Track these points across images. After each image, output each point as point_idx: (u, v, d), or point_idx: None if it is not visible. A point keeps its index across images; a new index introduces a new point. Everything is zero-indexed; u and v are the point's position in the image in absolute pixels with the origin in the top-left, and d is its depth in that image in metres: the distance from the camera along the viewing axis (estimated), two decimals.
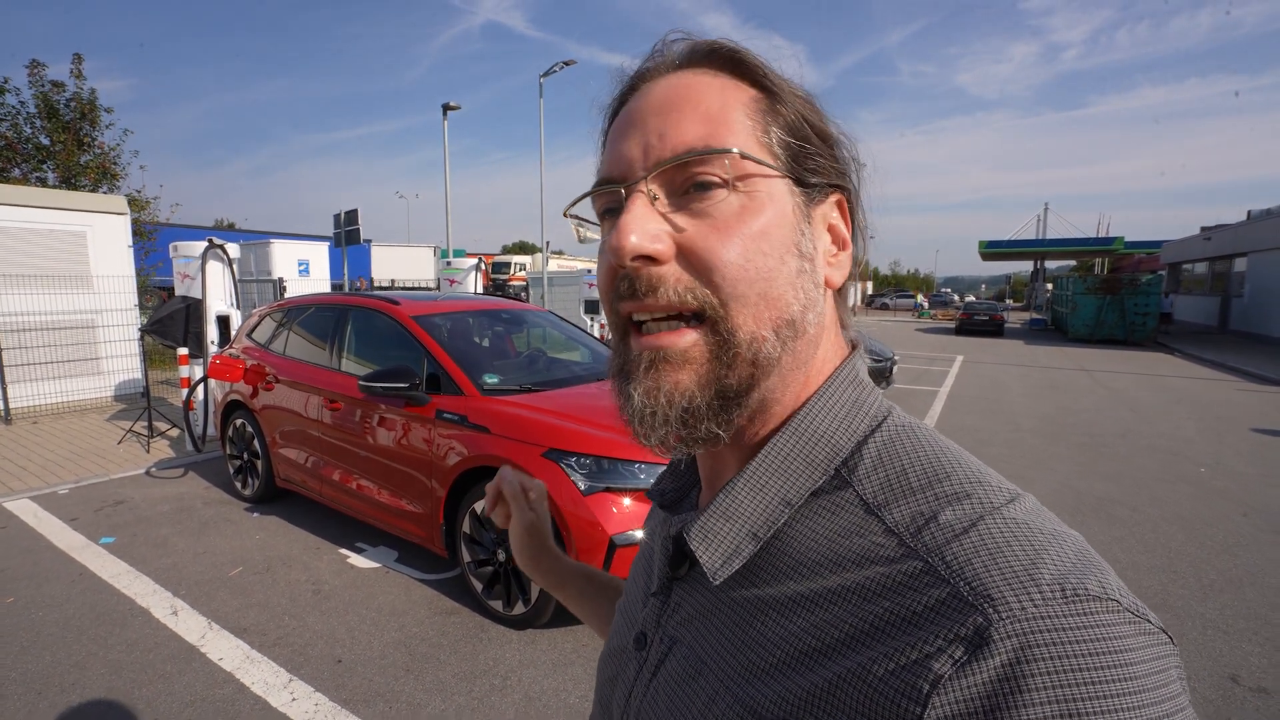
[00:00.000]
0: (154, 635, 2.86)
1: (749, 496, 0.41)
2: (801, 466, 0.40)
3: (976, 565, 0.32)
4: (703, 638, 0.42)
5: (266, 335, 4.69)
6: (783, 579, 0.39)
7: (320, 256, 10.58)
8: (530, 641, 2.84)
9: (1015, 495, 0.36)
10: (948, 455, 0.39)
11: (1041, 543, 0.33)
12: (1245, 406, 9.12)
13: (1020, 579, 0.31)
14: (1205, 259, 24.83)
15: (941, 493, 0.36)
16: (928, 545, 0.34)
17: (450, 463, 3.10)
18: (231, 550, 3.76)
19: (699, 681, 0.41)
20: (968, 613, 0.31)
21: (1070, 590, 0.31)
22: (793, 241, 0.40)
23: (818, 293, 0.42)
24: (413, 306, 3.82)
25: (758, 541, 0.40)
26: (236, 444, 4.70)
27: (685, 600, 0.45)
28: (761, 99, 0.41)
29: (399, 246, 28.28)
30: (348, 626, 2.94)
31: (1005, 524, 0.34)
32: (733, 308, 0.38)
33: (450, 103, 15.01)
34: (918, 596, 0.33)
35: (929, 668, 0.31)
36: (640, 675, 0.47)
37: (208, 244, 5.94)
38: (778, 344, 0.39)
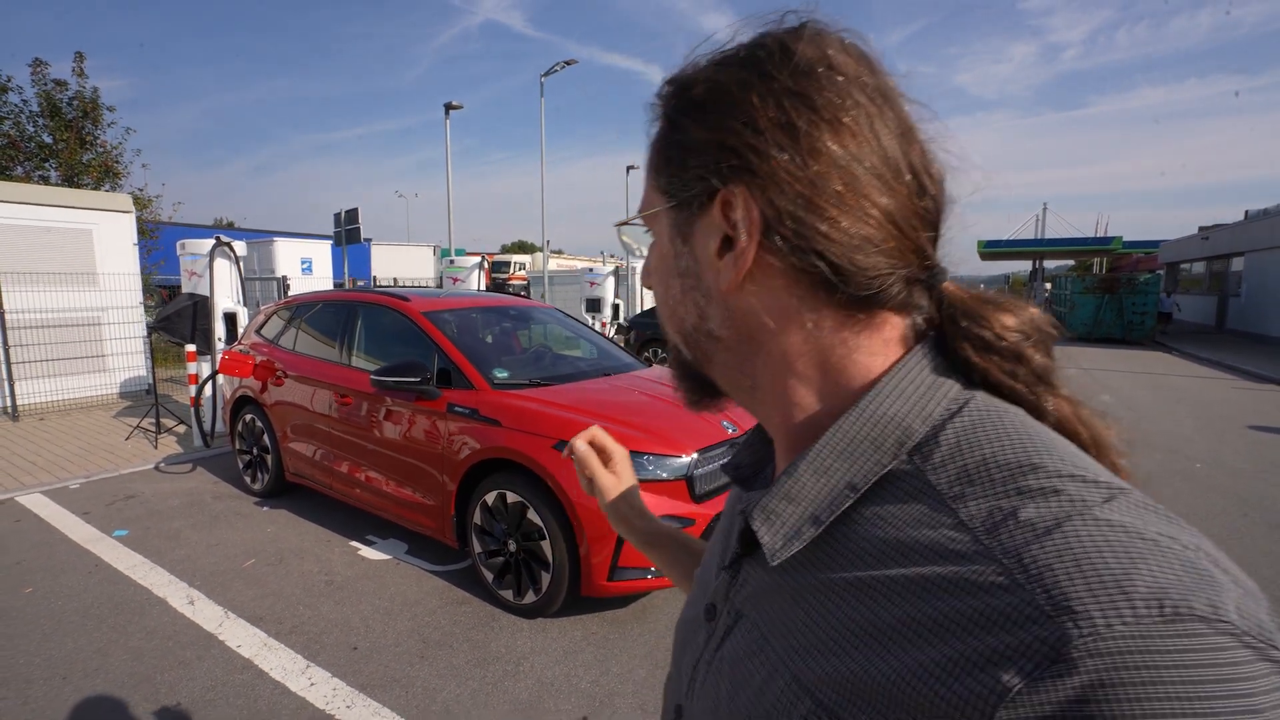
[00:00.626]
0: (172, 623, 2.92)
1: (812, 479, 0.40)
2: (868, 449, 0.39)
3: (1058, 572, 0.29)
4: (766, 614, 0.42)
5: (276, 331, 4.75)
6: (846, 564, 0.38)
7: (323, 255, 10.60)
8: (541, 630, 2.90)
9: (1115, 492, 0.33)
10: (1039, 444, 0.36)
11: (1140, 549, 0.29)
12: (1242, 404, 9.20)
13: (1109, 591, 0.28)
14: (1203, 259, 24.94)
15: (1026, 486, 0.33)
16: (1004, 545, 0.31)
17: (462, 455, 3.15)
18: (244, 542, 3.82)
19: (760, 657, 0.41)
20: (1044, 625, 0.28)
21: (1171, 608, 0.27)
22: (670, 268, 0.45)
23: (708, 302, 0.43)
24: (423, 303, 3.87)
25: (819, 525, 0.39)
26: (246, 439, 4.75)
27: (752, 576, 0.45)
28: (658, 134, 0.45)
29: (399, 246, 28.32)
30: (361, 615, 3.00)
31: (1098, 525, 0.31)
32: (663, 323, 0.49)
33: (452, 102, 15.06)
34: (989, 600, 0.30)
35: (997, 679, 0.29)
36: (708, 645, 0.48)
37: (215, 242, 5.99)
38: (689, 349, 0.47)
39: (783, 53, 0.39)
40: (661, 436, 2.97)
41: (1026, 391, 0.41)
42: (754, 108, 0.39)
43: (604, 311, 11.48)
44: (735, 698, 0.42)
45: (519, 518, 2.97)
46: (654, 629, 2.92)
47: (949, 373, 0.41)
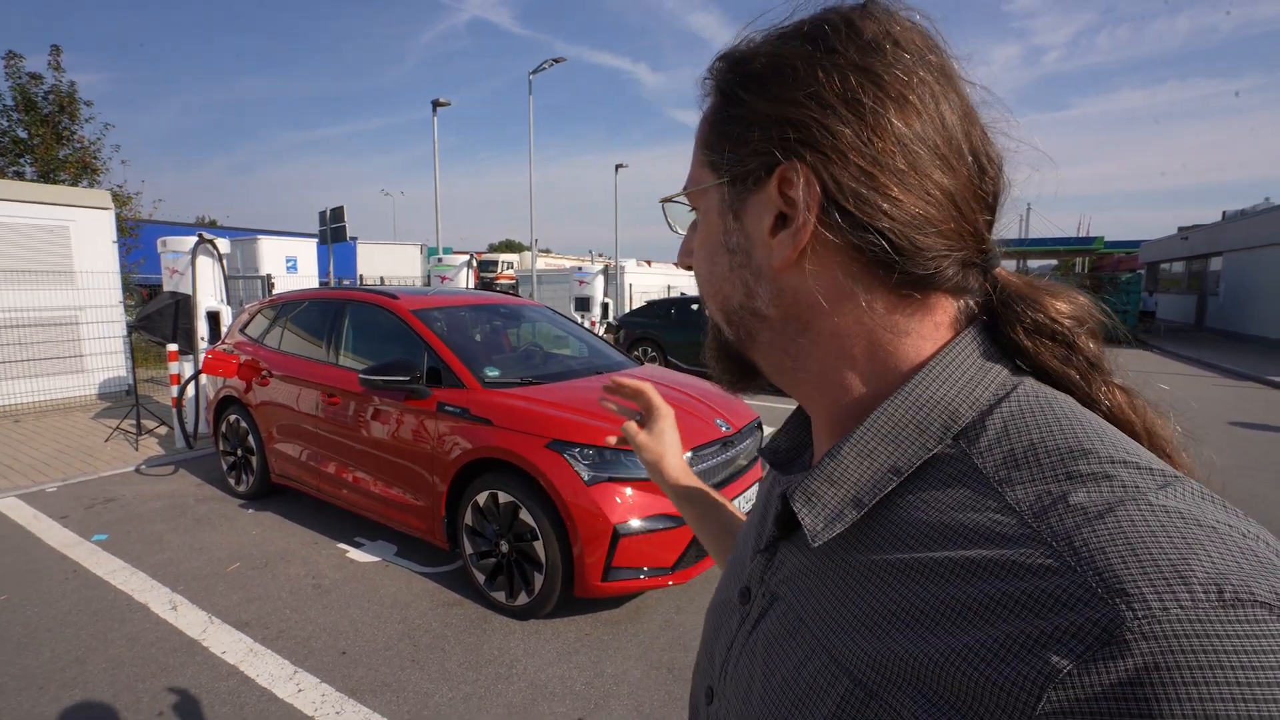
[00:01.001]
0: (154, 630, 2.84)
1: (855, 462, 0.39)
2: (913, 433, 0.38)
3: (1111, 555, 0.28)
4: (803, 597, 0.42)
5: (261, 330, 4.66)
6: (888, 547, 0.37)
7: (308, 253, 10.46)
8: (534, 631, 2.86)
9: (1171, 480, 0.32)
10: (1089, 430, 0.35)
11: (1198, 536, 0.29)
12: (1222, 401, 9.35)
13: (1165, 575, 0.27)
14: (1182, 258, 25.37)
15: (1076, 471, 0.33)
16: (1054, 529, 0.31)
17: (453, 455, 3.10)
18: (228, 546, 3.74)
19: (796, 639, 0.41)
20: (1096, 606, 0.28)
21: (1231, 593, 0.26)
22: (720, 244, 0.45)
23: (757, 279, 0.43)
24: (411, 300, 3.81)
25: (862, 508, 0.39)
26: (230, 440, 4.66)
27: (789, 558, 0.45)
28: (712, 109, 0.44)
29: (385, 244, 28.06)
30: (350, 619, 2.95)
31: (1153, 511, 0.30)
32: (706, 301, 0.49)
33: (440, 99, 14.92)
34: (1038, 583, 0.30)
35: (1046, 661, 0.28)
36: (741, 628, 0.48)
37: (198, 239, 5.87)
38: (731, 328, 0.47)
39: (849, 28, 0.39)
40: None
41: (1079, 378, 0.41)
42: (819, 82, 0.38)
43: (593, 310, 11.44)
44: (770, 678, 0.42)
45: (511, 518, 2.93)
46: (648, 629, 2.89)
47: (998, 358, 0.40)
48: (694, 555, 2.87)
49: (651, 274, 22.03)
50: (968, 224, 0.39)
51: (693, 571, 2.89)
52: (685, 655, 2.69)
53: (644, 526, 2.73)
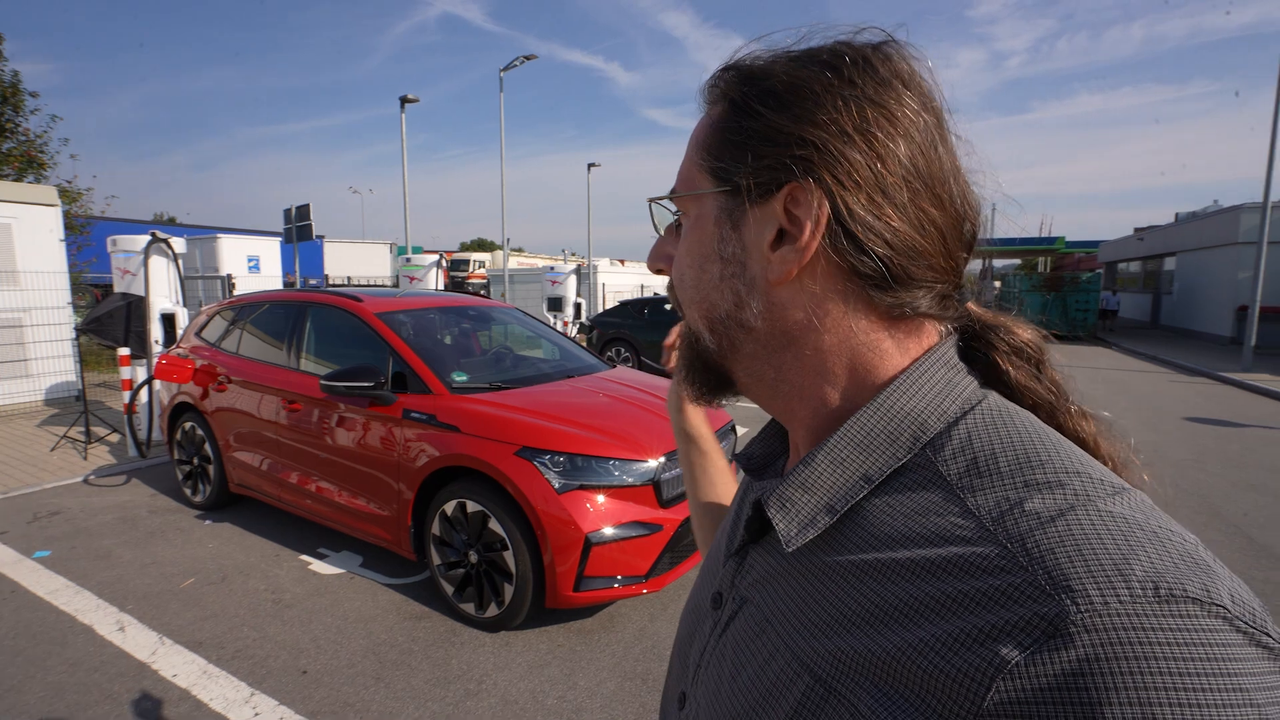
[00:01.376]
0: (99, 653, 2.69)
1: (829, 469, 0.41)
2: (884, 443, 0.40)
3: (1060, 555, 0.31)
4: (770, 598, 0.44)
5: (218, 334, 4.48)
6: (855, 549, 0.39)
7: (271, 253, 10.18)
8: (504, 644, 2.78)
9: (1120, 490, 0.34)
10: (1047, 442, 0.37)
11: (1140, 539, 0.31)
12: (1177, 397, 9.68)
13: (1107, 573, 0.29)
14: (1138, 258, 26.27)
15: (1032, 480, 0.35)
16: (1009, 531, 0.33)
17: (419, 463, 3.01)
18: (182, 560, 3.58)
19: (762, 639, 0.43)
20: (1043, 602, 0.30)
21: (1166, 590, 0.28)
22: (714, 250, 0.45)
23: (749, 291, 0.43)
24: (376, 303, 3.69)
25: (834, 514, 0.41)
26: (186, 448, 4.46)
27: (759, 562, 0.46)
28: (715, 120, 0.45)
29: (353, 243, 27.48)
30: (312, 636, 2.83)
31: (1100, 516, 0.32)
32: (685, 308, 0.48)
33: (408, 95, 14.61)
34: (992, 580, 0.32)
35: (996, 652, 0.30)
36: (713, 632, 0.49)
37: (151, 237, 5.63)
38: (712, 336, 0.46)
39: (866, 63, 0.41)
40: (627, 441, 2.89)
41: (1045, 393, 0.45)
42: (839, 109, 0.40)
43: (566, 311, 11.34)
44: (736, 678, 0.43)
45: (480, 528, 2.85)
46: (622, 639, 2.84)
47: (966, 374, 0.43)
48: (667, 562, 2.82)
49: (625, 273, 21.97)
50: (951, 259, 0.42)
51: (666, 579, 2.85)
52: (660, 665, 2.65)
53: (617, 535, 2.68)
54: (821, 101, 0.40)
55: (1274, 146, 12.01)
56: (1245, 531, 4.21)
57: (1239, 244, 16.98)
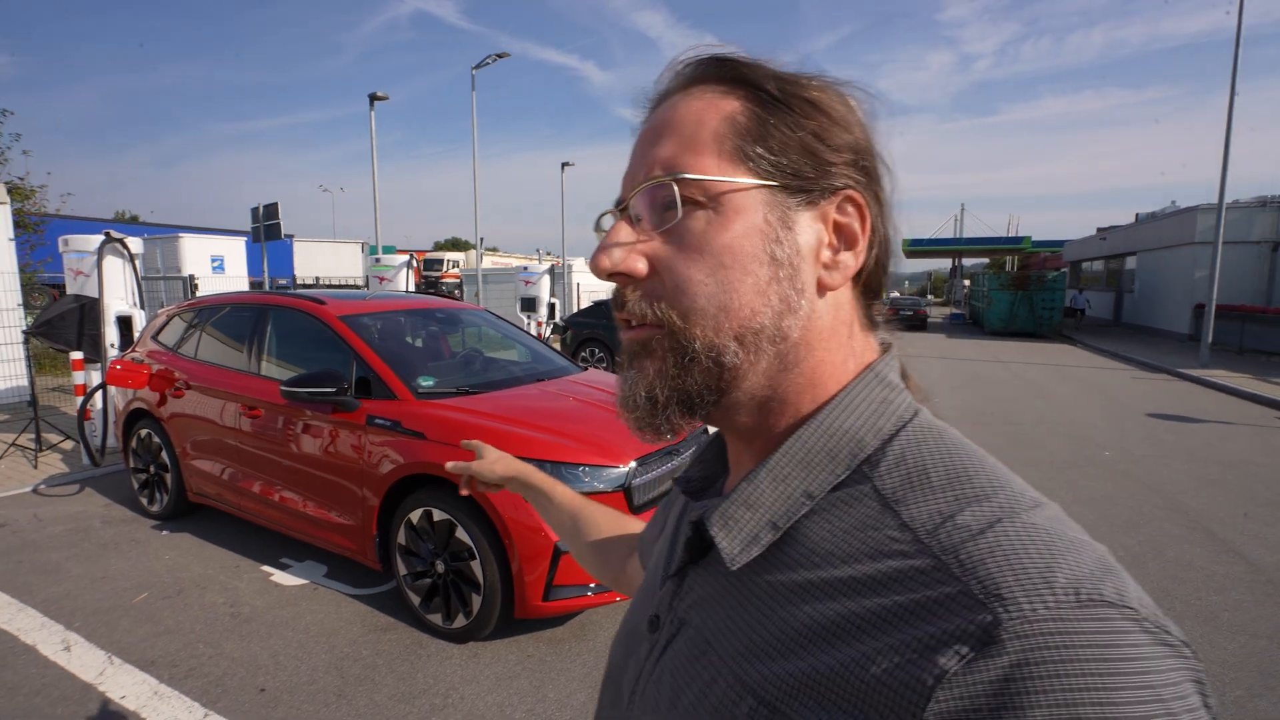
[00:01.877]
0: (41, 675, 2.55)
1: (771, 487, 0.42)
2: (824, 461, 0.41)
3: (990, 565, 0.32)
4: (711, 620, 0.43)
5: (175, 337, 4.32)
6: (796, 567, 0.40)
7: (236, 252, 9.88)
8: (472, 655, 2.72)
9: (1039, 503, 0.37)
10: (972, 458, 0.39)
11: (1059, 548, 0.33)
12: (1139, 393, 9.95)
13: (1034, 581, 0.31)
14: (1101, 257, 27.01)
15: (962, 493, 0.37)
16: (942, 543, 0.34)
17: (384, 471, 2.92)
18: (136, 573, 3.43)
19: (703, 661, 0.42)
20: (977, 611, 0.31)
21: (1085, 595, 0.31)
22: (762, 250, 0.41)
23: (799, 297, 0.42)
24: (340, 306, 3.59)
25: (777, 531, 0.41)
26: (142, 456, 4.30)
27: (699, 584, 0.46)
28: (746, 109, 0.42)
29: (324, 242, 26.92)
30: (271, 651, 2.73)
31: (1024, 528, 0.34)
32: (691, 320, 0.41)
33: (377, 93, 14.33)
34: (928, 592, 0.33)
35: (935, 662, 0.31)
36: (650, 656, 0.48)
37: (105, 237, 5.41)
38: (740, 351, 0.42)
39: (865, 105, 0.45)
40: (598, 446, 2.84)
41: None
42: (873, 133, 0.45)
43: (539, 311, 11.24)
44: (676, 703, 0.43)
45: (447, 536, 2.78)
46: (593, 647, 2.79)
47: (902, 391, 0.44)
48: None
49: None
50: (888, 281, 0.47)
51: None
52: None
53: None
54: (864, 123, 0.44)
55: (1228, 150, 12.43)
56: (1206, 526, 4.32)
57: (1196, 244, 17.56)
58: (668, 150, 0.42)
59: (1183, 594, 3.36)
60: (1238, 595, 3.34)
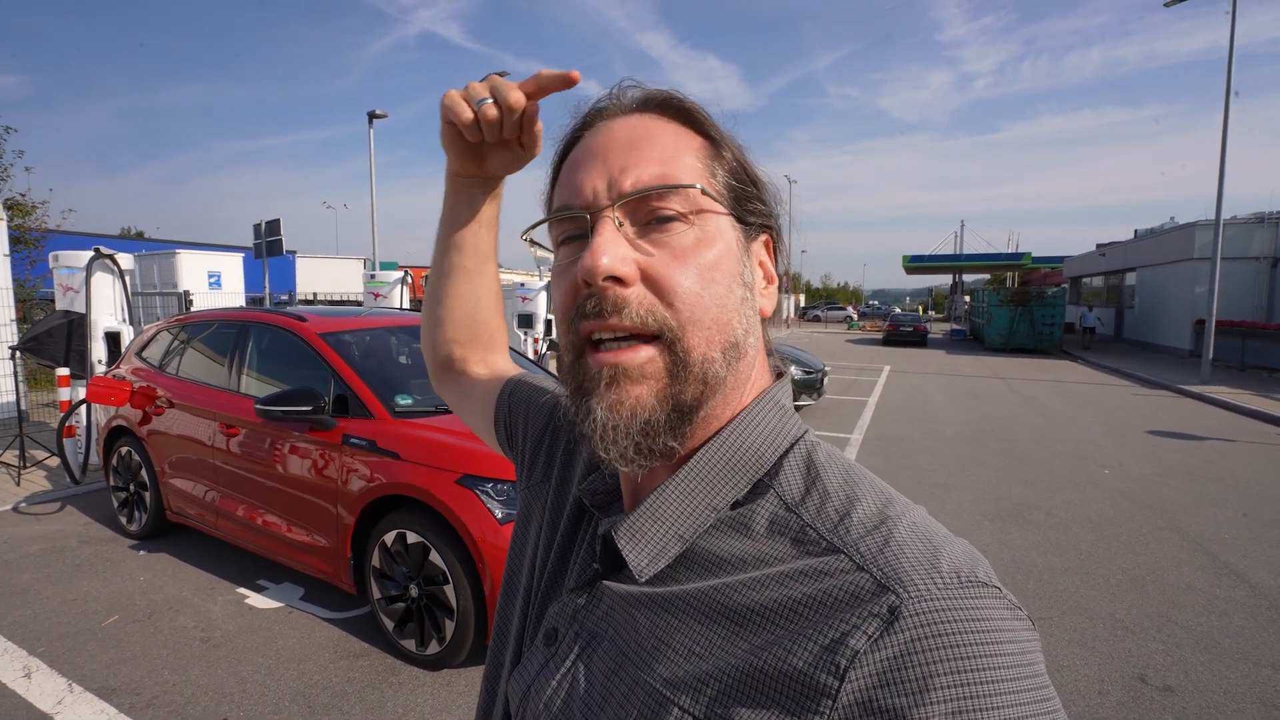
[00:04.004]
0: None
1: (678, 501, 0.44)
2: (730, 476, 0.44)
3: (888, 555, 0.37)
4: (624, 631, 0.44)
5: (159, 354, 4.27)
6: (704, 575, 0.42)
7: (234, 268, 9.90)
8: (446, 684, 2.63)
9: (911, 504, 0.42)
10: (854, 470, 0.44)
11: (938, 541, 0.38)
12: (1140, 410, 9.85)
13: (925, 568, 0.36)
14: (1101, 273, 26.97)
15: (854, 496, 0.41)
16: (844, 539, 0.39)
17: (358, 491, 2.85)
18: (108, 595, 3.35)
19: (619, 674, 0.42)
20: (881, 595, 0.35)
21: (964, 578, 0.36)
22: (737, 272, 0.45)
23: (755, 320, 0.47)
24: (320, 323, 3.55)
25: (684, 543, 0.43)
26: (122, 474, 4.23)
27: (607, 596, 0.46)
28: (706, 145, 0.46)
29: (326, 258, 27.05)
30: (239, 678, 2.64)
31: (908, 525, 0.39)
32: (689, 330, 0.42)
33: (376, 110, 14.45)
34: (834, 582, 0.37)
35: (846, 644, 0.34)
36: (545, 671, 0.48)
37: (93, 253, 5.40)
38: (724, 364, 0.44)
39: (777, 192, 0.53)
40: None
41: None
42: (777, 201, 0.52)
43: (536, 328, 11.20)
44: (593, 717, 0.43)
45: (421, 560, 2.70)
46: None
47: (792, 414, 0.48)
48: None
49: None
50: None
51: None
52: None
53: None
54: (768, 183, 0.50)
55: (1223, 167, 12.44)
56: (1206, 548, 4.22)
57: (1195, 259, 17.52)
58: (654, 165, 0.43)
59: (1182, 619, 3.25)
60: (1239, 620, 3.24)
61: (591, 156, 0.45)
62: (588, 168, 0.45)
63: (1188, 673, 2.77)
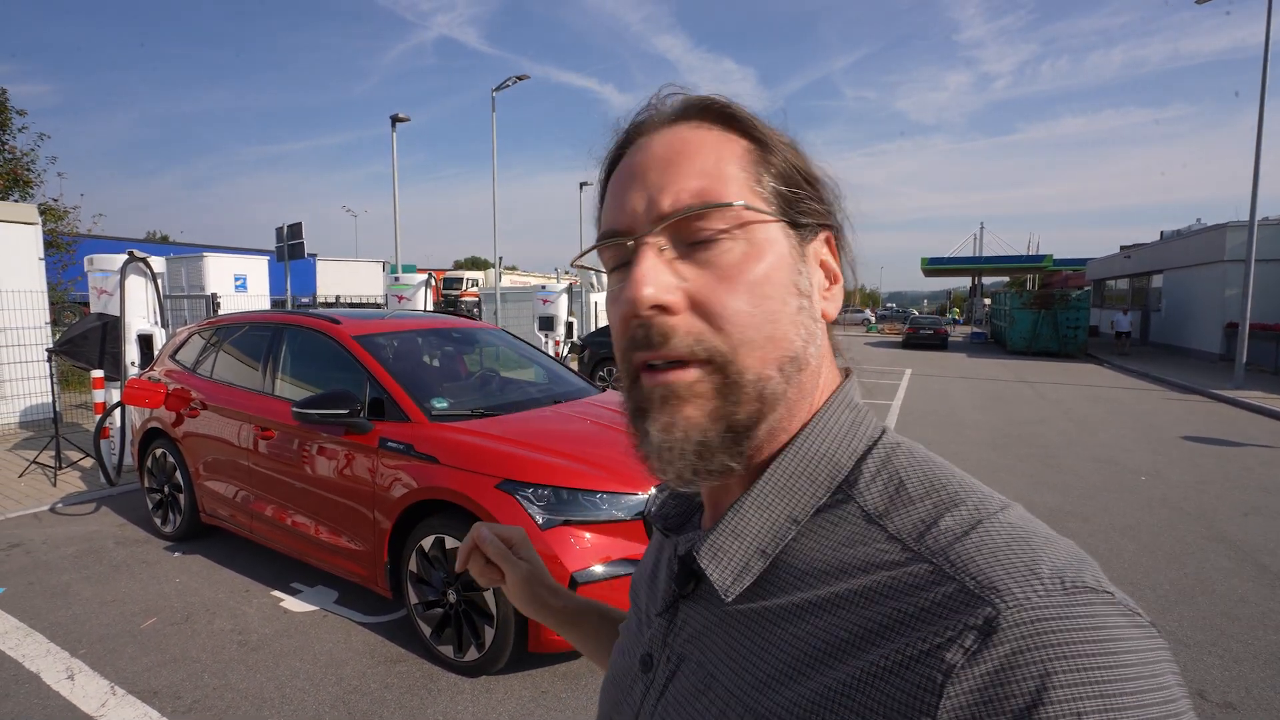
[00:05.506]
0: (43, 705, 2.49)
1: (756, 515, 0.42)
2: (806, 485, 0.42)
3: (980, 562, 0.34)
4: (711, 652, 0.43)
5: (192, 357, 4.32)
6: (790, 590, 0.40)
7: (259, 271, 10.00)
8: (485, 690, 2.60)
9: (1007, 504, 0.39)
10: (939, 469, 0.41)
11: (1038, 543, 0.35)
12: (1173, 415, 9.62)
13: (1023, 573, 0.33)
14: (1125, 275, 26.46)
15: (939, 500, 0.39)
16: (930, 547, 0.36)
17: (396, 496, 2.85)
18: (146, 597, 3.38)
19: (708, 695, 0.42)
20: (976, 605, 0.32)
21: (1070, 583, 0.33)
22: (792, 281, 0.43)
23: (816, 326, 0.45)
24: (355, 325, 3.55)
25: (766, 558, 0.42)
26: (156, 476, 4.28)
27: (692, 618, 0.46)
28: (752, 149, 0.44)
29: (346, 261, 27.35)
30: (278, 683, 2.64)
31: (1002, 527, 0.36)
32: (741, 352, 0.41)
33: (399, 114, 14.60)
34: (924, 594, 0.34)
35: (941, 659, 0.32)
36: (647, 697, 0.47)
37: (128, 256, 5.48)
38: (782, 380, 0.42)
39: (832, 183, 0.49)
40: (616, 472, 2.74)
41: None
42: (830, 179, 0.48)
43: (557, 330, 11.21)
44: None
45: None
46: None
47: (866, 412, 0.46)
48: None
49: None
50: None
51: None
52: None
53: (605, 573, 2.52)
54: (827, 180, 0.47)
55: (1258, 168, 12.14)
56: (1256, 558, 4.09)
57: (1225, 261, 17.12)
58: (694, 181, 0.42)
59: (1237, 633, 3.14)
60: None
61: (631, 177, 0.44)
62: (627, 190, 0.44)
63: (1249, 689, 2.67)
